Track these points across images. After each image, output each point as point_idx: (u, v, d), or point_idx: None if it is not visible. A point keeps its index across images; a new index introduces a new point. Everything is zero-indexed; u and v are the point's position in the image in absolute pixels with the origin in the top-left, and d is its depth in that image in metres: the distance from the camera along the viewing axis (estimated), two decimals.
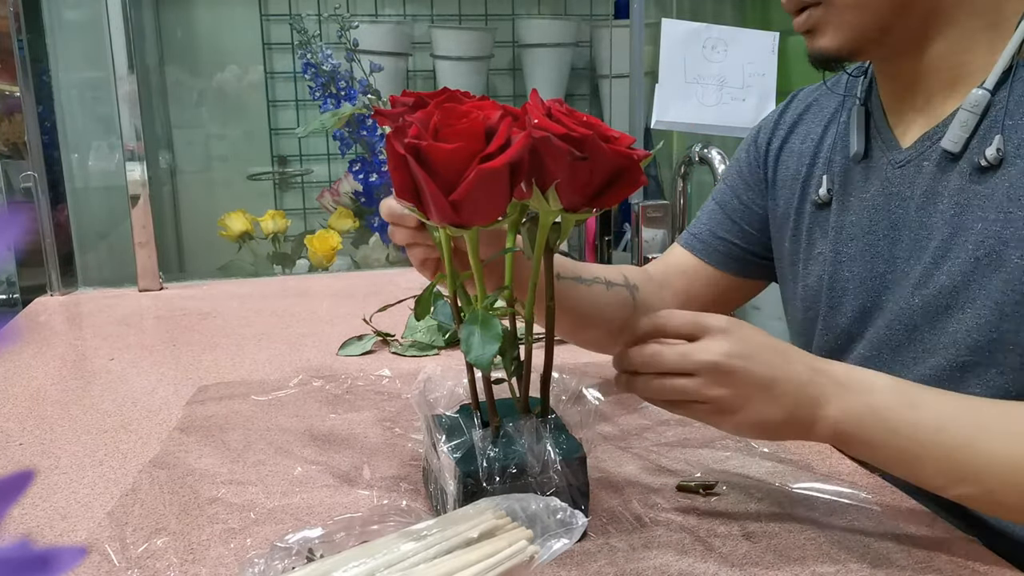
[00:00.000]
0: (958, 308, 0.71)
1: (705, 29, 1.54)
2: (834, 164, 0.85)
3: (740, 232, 0.95)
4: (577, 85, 2.37)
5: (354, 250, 1.93)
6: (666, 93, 1.53)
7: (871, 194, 0.80)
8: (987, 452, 0.60)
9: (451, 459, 0.65)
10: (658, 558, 0.63)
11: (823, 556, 0.63)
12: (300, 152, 2.27)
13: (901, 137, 0.78)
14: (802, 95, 0.94)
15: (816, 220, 0.86)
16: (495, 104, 0.60)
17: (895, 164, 0.78)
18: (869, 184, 0.80)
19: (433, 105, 0.60)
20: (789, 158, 0.90)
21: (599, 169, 0.60)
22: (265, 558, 0.54)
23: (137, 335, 1.22)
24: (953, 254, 0.71)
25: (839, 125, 0.86)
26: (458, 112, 0.58)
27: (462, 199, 0.56)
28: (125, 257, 1.49)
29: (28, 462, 0.81)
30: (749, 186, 0.95)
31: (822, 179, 0.85)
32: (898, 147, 0.78)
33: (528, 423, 0.66)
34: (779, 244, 0.92)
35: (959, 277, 0.71)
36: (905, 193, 0.77)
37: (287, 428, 0.87)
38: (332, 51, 1.84)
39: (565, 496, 0.66)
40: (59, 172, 1.44)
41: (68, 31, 1.81)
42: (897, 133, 0.79)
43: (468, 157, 0.56)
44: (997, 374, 0.70)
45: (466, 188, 0.55)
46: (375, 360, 1.10)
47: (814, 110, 0.91)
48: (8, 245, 0.21)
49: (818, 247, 0.86)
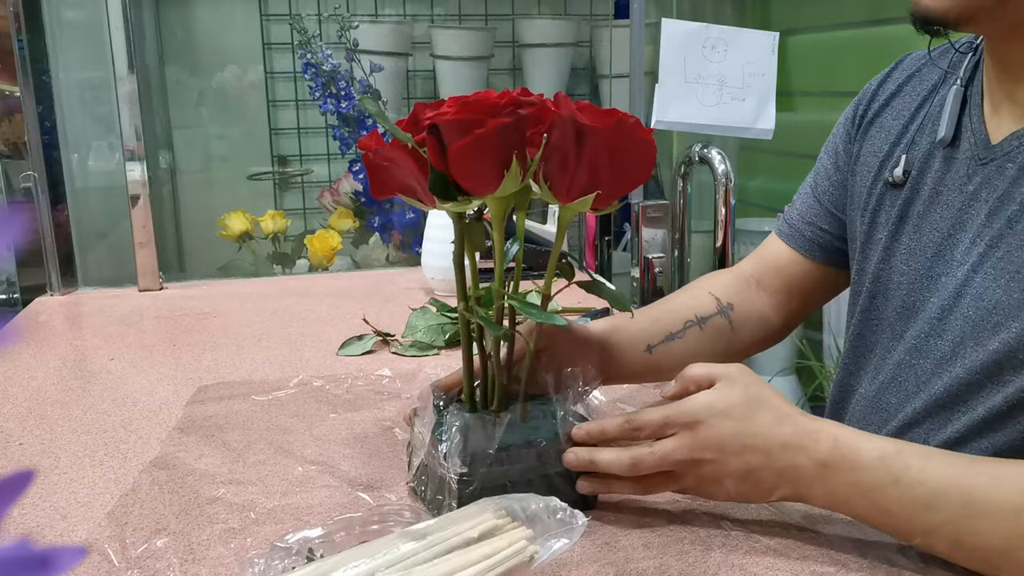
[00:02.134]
0: (1006, 328, 0.66)
1: (705, 29, 1.54)
2: (917, 146, 0.79)
3: (828, 217, 0.89)
4: (577, 85, 2.37)
5: (354, 250, 1.93)
6: (666, 93, 1.53)
7: (946, 187, 0.75)
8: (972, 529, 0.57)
9: (457, 441, 0.66)
10: (658, 558, 0.63)
11: (823, 556, 0.63)
12: (300, 152, 2.27)
13: (993, 131, 0.73)
14: (907, 62, 0.86)
15: (883, 202, 0.81)
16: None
17: (979, 160, 0.72)
18: (947, 176, 0.75)
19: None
20: (878, 133, 0.84)
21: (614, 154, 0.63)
22: (265, 558, 0.54)
23: (137, 335, 1.22)
24: (1011, 268, 0.67)
25: (932, 105, 0.79)
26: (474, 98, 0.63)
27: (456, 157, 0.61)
28: (125, 257, 1.49)
29: (28, 462, 0.81)
30: (838, 167, 0.89)
31: (900, 159, 0.79)
32: (987, 142, 0.72)
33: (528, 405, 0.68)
34: (852, 227, 0.86)
35: (1015, 295, 0.66)
36: (981, 193, 0.71)
37: (287, 428, 0.87)
38: (332, 51, 1.84)
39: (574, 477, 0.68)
40: (59, 172, 1.44)
41: (68, 31, 1.81)
42: (990, 127, 0.73)
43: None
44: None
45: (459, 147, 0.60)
46: (375, 360, 1.10)
47: (915, 82, 0.83)
48: (8, 245, 0.21)
49: (879, 232, 0.81)
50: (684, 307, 0.88)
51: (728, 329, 0.88)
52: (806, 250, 0.91)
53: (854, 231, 0.86)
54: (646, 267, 1.63)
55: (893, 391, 0.78)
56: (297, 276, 1.72)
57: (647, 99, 1.62)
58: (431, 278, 1.36)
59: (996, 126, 0.73)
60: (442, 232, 1.31)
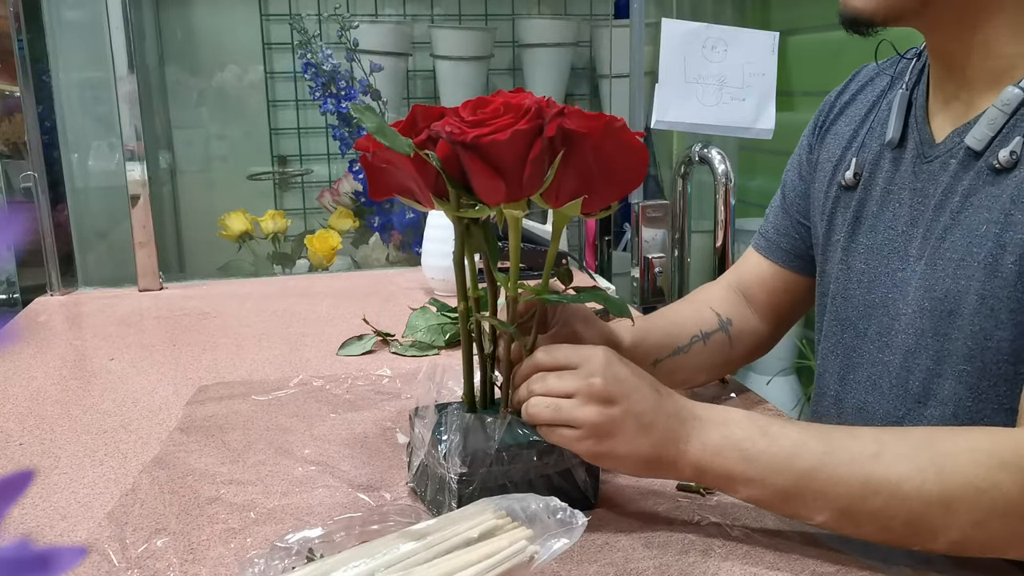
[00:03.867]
0: (959, 315, 0.69)
1: (705, 29, 1.54)
2: (866, 149, 0.82)
3: (798, 227, 0.92)
4: (577, 85, 2.37)
5: (354, 250, 1.93)
6: (666, 93, 1.53)
7: (896, 187, 0.78)
8: (834, 475, 0.60)
9: (457, 441, 0.66)
10: (658, 558, 0.63)
11: (823, 556, 0.63)
12: (300, 152, 2.27)
13: (937, 131, 0.75)
14: (863, 73, 0.89)
15: (838, 204, 0.84)
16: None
17: (924, 159, 0.75)
18: (897, 176, 0.78)
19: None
20: (833, 140, 0.87)
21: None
22: (265, 558, 0.54)
23: (137, 335, 1.22)
24: (956, 256, 0.70)
25: (880, 109, 0.83)
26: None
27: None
28: (125, 257, 1.49)
29: (28, 462, 0.81)
30: (802, 176, 0.92)
31: (851, 161, 0.82)
32: (931, 141, 0.75)
33: None
34: (814, 231, 0.89)
35: (962, 281, 0.69)
36: (928, 190, 0.74)
37: (287, 428, 0.87)
38: (332, 51, 1.84)
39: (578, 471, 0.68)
40: (59, 172, 1.44)
41: (68, 31, 1.81)
42: (934, 126, 0.76)
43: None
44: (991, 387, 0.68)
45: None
46: (375, 360, 1.10)
47: (867, 91, 0.87)
48: (8, 245, 0.21)
49: (836, 234, 0.84)
50: (691, 322, 0.89)
51: (727, 344, 0.90)
52: (784, 263, 0.93)
53: (816, 235, 0.88)
54: (646, 267, 1.63)
55: (863, 388, 0.79)
56: (297, 276, 1.72)
57: (647, 99, 1.62)
58: (431, 278, 1.36)
59: (939, 125, 0.75)
60: (442, 232, 1.31)
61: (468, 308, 0.69)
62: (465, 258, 0.69)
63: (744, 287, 0.96)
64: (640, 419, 0.63)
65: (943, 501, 0.57)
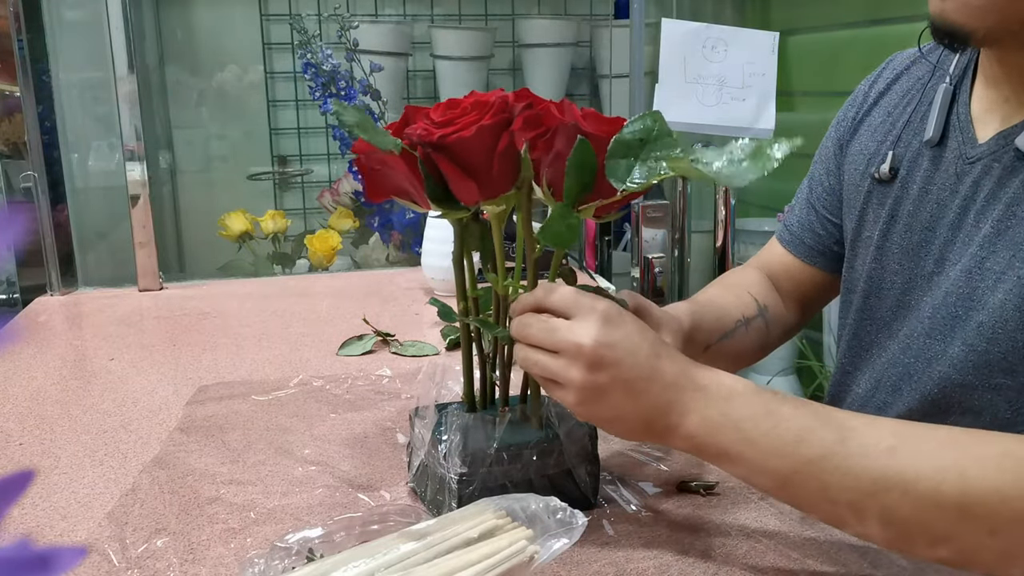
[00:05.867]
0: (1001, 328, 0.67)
1: (705, 29, 1.54)
2: (904, 143, 0.79)
3: (825, 223, 0.90)
4: (577, 85, 2.37)
5: (354, 250, 1.93)
6: (666, 93, 1.53)
7: (936, 186, 0.75)
8: (842, 467, 0.55)
9: (457, 441, 0.66)
10: (658, 558, 0.63)
11: (823, 556, 0.63)
12: (300, 152, 2.27)
13: (980, 131, 0.73)
14: (896, 62, 0.87)
15: (871, 199, 0.81)
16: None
17: (966, 159, 0.72)
18: (937, 175, 0.75)
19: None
20: (867, 132, 0.85)
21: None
22: (265, 558, 0.54)
23: (137, 335, 1.22)
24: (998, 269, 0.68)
25: (920, 103, 0.80)
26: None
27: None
28: (125, 257, 1.49)
29: (28, 462, 0.81)
30: (830, 171, 0.90)
31: (888, 155, 0.79)
32: (974, 141, 0.73)
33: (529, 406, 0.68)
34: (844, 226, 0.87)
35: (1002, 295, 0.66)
36: (970, 194, 0.72)
37: (287, 428, 0.87)
38: (332, 51, 1.84)
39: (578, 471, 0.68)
40: (59, 172, 1.44)
41: (68, 31, 1.81)
42: (977, 126, 0.73)
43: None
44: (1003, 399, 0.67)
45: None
46: (375, 360, 1.10)
47: (903, 80, 0.84)
48: (8, 245, 0.21)
49: (867, 229, 0.82)
50: (734, 308, 0.88)
51: (765, 330, 0.90)
52: (808, 258, 0.93)
53: (846, 229, 0.87)
54: (646, 267, 1.63)
55: (887, 390, 0.78)
56: (297, 276, 1.72)
57: (647, 99, 1.62)
58: (431, 278, 1.36)
59: (984, 125, 0.73)
60: (442, 232, 1.31)
61: (467, 308, 0.69)
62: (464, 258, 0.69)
63: (772, 275, 0.95)
64: (630, 386, 0.59)
65: (960, 506, 0.53)
